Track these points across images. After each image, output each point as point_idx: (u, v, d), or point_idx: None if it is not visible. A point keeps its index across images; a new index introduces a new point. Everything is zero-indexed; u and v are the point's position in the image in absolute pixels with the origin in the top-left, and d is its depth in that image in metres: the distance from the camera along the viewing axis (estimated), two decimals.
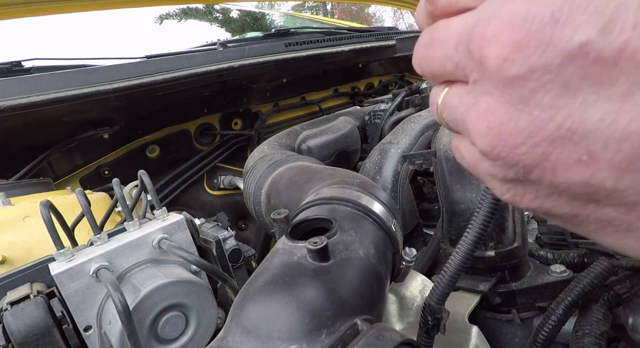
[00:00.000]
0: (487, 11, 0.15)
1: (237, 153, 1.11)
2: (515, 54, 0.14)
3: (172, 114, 0.95)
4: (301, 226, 0.36)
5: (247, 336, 0.26)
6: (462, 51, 0.16)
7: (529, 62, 0.13)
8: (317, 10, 9.77)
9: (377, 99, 1.20)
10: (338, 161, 0.86)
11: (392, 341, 0.22)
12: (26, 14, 1.01)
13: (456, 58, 0.17)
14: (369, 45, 1.17)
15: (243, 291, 0.29)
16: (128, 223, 0.49)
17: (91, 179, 0.88)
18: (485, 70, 0.15)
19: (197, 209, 1.04)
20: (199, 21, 4.83)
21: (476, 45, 0.15)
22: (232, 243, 0.54)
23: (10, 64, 0.85)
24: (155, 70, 0.78)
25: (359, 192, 0.42)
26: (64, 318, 0.40)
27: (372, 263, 0.33)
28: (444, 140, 0.57)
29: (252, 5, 3.67)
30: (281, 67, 0.98)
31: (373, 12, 14.48)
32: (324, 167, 0.58)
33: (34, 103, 0.64)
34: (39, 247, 0.52)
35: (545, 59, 0.13)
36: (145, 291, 0.42)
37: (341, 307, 0.27)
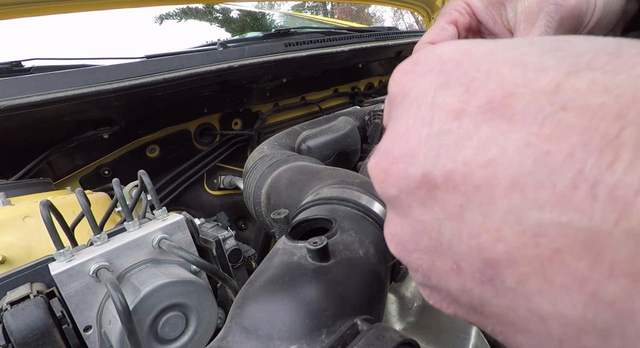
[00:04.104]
0: (378, 145, 0.18)
1: (237, 153, 1.11)
2: (386, 179, 0.17)
3: (172, 114, 0.95)
4: (301, 226, 0.36)
5: (247, 336, 0.26)
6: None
7: (397, 186, 0.16)
8: (317, 10, 9.77)
9: (377, 99, 1.20)
10: (338, 161, 0.86)
11: (392, 341, 0.22)
12: (26, 14, 1.01)
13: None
14: (369, 45, 1.17)
15: (243, 291, 0.29)
16: (128, 223, 0.49)
17: (91, 179, 0.88)
18: (377, 190, 0.18)
19: (197, 209, 1.04)
20: (199, 21, 4.84)
21: (369, 170, 0.18)
22: (232, 243, 0.54)
23: (10, 64, 0.85)
24: (155, 70, 0.78)
25: (359, 192, 0.42)
26: (63, 318, 0.40)
27: (372, 263, 0.33)
28: None
29: (252, 5, 3.67)
30: (281, 67, 0.98)
31: (373, 12, 14.48)
32: (324, 167, 0.58)
33: (34, 103, 0.64)
34: (39, 247, 0.52)
35: (405, 184, 0.16)
36: (145, 291, 0.42)
37: (341, 307, 0.27)
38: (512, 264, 0.13)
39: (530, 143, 0.12)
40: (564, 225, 0.11)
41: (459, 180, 0.14)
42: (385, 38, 1.27)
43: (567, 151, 0.12)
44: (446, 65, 0.16)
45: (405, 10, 6.78)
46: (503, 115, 0.13)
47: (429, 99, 0.16)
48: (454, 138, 0.14)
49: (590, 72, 0.12)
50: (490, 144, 0.13)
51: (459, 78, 0.15)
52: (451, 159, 0.14)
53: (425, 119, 0.16)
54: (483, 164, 0.13)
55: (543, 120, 0.12)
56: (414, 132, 0.16)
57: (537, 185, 0.12)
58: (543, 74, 0.13)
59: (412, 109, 0.17)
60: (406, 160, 0.16)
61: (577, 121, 0.12)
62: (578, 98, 0.12)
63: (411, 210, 0.16)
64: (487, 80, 0.14)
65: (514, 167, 0.13)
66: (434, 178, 0.15)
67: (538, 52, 0.14)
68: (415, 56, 0.18)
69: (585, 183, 0.11)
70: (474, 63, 0.15)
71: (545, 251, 0.12)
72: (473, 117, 0.14)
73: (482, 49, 0.16)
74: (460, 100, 0.15)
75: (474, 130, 0.14)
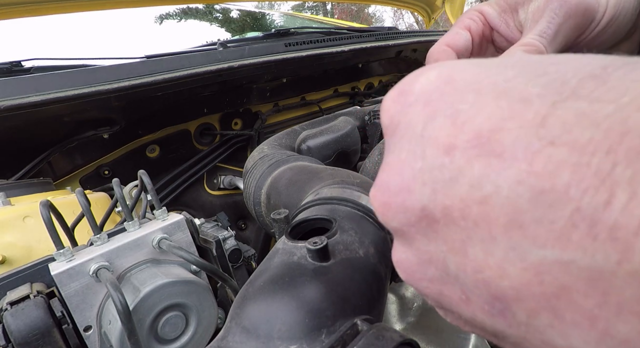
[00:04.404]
0: (378, 175, 0.18)
1: (237, 153, 1.11)
2: (386, 212, 0.17)
3: (172, 114, 0.95)
4: (301, 226, 0.36)
5: (247, 336, 0.26)
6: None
7: (397, 219, 0.16)
8: (317, 10, 9.77)
9: (377, 99, 1.20)
10: (338, 161, 0.86)
11: (392, 341, 0.22)
12: (26, 14, 1.01)
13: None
14: (369, 45, 1.17)
15: (243, 291, 0.29)
16: (128, 223, 0.49)
17: (91, 179, 0.88)
18: (380, 220, 0.18)
19: (197, 209, 1.04)
20: (199, 21, 4.84)
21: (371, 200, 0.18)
22: (232, 243, 0.54)
23: (10, 64, 0.85)
24: (155, 70, 0.78)
25: (359, 192, 0.42)
26: (63, 318, 0.40)
27: (372, 263, 0.33)
28: None
29: (252, 5, 3.67)
30: (281, 67, 0.98)
31: (373, 12, 14.49)
32: (324, 167, 0.58)
33: (34, 103, 0.64)
34: (39, 247, 0.52)
35: (405, 218, 0.16)
36: (145, 291, 0.42)
37: (341, 307, 0.27)
38: (520, 300, 0.13)
39: (522, 181, 0.12)
40: (567, 263, 0.11)
41: (457, 216, 0.14)
42: (385, 38, 1.27)
43: (561, 189, 0.11)
44: (431, 95, 0.16)
45: (405, 10, 6.78)
46: (492, 151, 0.13)
47: (418, 131, 0.16)
48: (447, 174, 0.14)
49: (576, 102, 0.12)
50: (484, 181, 0.13)
51: (444, 109, 0.15)
52: (447, 195, 0.14)
53: (416, 152, 0.15)
54: (479, 201, 0.13)
55: (533, 157, 0.12)
56: (407, 165, 0.16)
57: (535, 223, 0.12)
58: (528, 106, 0.13)
59: (403, 141, 0.16)
60: (403, 194, 0.16)
61: (567, 157, 0.11)
62: (565, 132, 0.12)
63: (415, 242, 0.16)
64: (474, 113, 0.14)
65: (509, 204, 0.12)
66: (432, 212, 0.15)
67: (522, 78, 0.14)
68: (400, 84, 0.18)
69: (583, 223, 0.11)
70: (458, 93, 0.15)
71: (551, 288, 0.12)
72: (463, 152, 0.14)
73: (466, 76, 0.15)
74: (448, 134, 0.14)
75: (466, 167, 0.14)
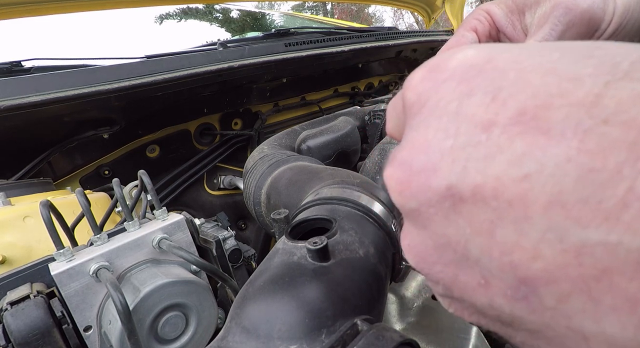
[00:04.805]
0: (396, 152, 0.18)
1: (237, 153, 1.11)
2: (403, 190, 0.16)
3: (172, 114, 0.95)
4: (301, 226, 0.36)
5: (247, 336, 0.26)
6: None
7: (416, 199, 0.16)
8: (317, 10, 9.77)
9: (377, 99, 1.20)
10: (338, 161, 0.86)
11: (392, 341, 0.22)
12: (26, 14, 1.01)
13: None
14: (369, 45, 1.17)
15: (243, 291, 0.29)
16: (128, 223, 0.49)
17: (91, 179, 0.88)
18: (395, 201, 0.18)
19: (197, 209, 1.04)
20: (199, 21, 4.84)
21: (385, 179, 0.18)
22: (232, 243, 0.54)
23: (10, 64, 0.85)
24: (155, 70, 0.78)
25: (359, 192, 0.42)
26: (64, 318, 0.40)
27: (372, 263, 0.33)
28: None
29: (252, 5, 3.67)
30: (281, 67, 0.98)
31: (373, 12, 14.49)
32: (324, 167, 0.58)
33: (34, 103, 0.64)
34: (39, 247, 0.52)
35: (426, 197, 0.15)
36: (145, 291, 0.42)
37: (341, 307, 0.27)
38: (552, 283, 0.12)
39: (571, 158, 0.12)
40: (613, 245, 0.11)
41: (489, 195, 0.13)
42: (385, 38, 1.27)
43: (614, 168, 0.11)
44: (468, 72, 0.15)
45: (405, 10, 6.78)
46: (538, 128, 0.13)
47: (452, 108, 0.15)
48: (483, 151, 0.14)
49: (630, 82, 0.12)
50: (526, 159, 0.13)
51: (484, 87, 0.14)
52: (481, 173, 0.14)
53: (448, 129, 0.15)
54: (518, 179, 0.13)
55: (584, 135, 0.12)
56: (436, 143, 0.15)
57: (580, 203, 0.11)
58: (579, 84, 0.12)
59: (432, 119, 0.16)
60: (427, 172, 0.15)
61: (622, 136, 0.11)
62: (621, 111, 0.11)
63: (432, 223, 0.16)
64: (517, 90, 0.14)
65: (553, 183, 0.12)
66: (460, 191, 0.14)
67: (569, 60, 0.13)
68: (432, 61, 0.17)
69: (637, 202, 0.10)
70: (499, 70, 0.14)
71: (591, 271, 0.11)
72: (504, 129, 0.13)
73: (506, 55, 0.15)
74: (487, 110, 0.14)
75: (506, 144, 0.13)
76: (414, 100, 0.17)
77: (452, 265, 0.16)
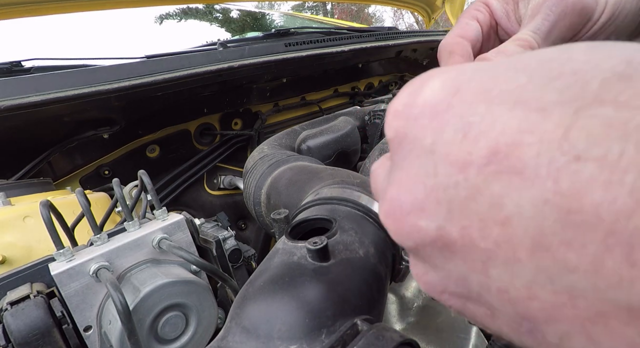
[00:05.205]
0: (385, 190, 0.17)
1: (237, 153, 1.11)
2: (399, 231, 0.16)
3: (172, 114, 0.95)
4: (301, 226, 0.36)
5: (247, 336, 0.26)
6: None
7: (412, 239, 0.16)
8: (317, 10, 9.77)
9: (377, 99, 1.20)
10: (338, 161, 0.86)
11: (392, 341, 0.22)
12: (26, 14, 1.01)
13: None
14: (369, 45, 1.17)
15: (243, 291, 0.29)
16: (128, 223, 0.49)
17: (91, 179, 0.88)
18: (393, 238, 0.17)
19: (197, 209, 1.04)
20: (199, 21, 4.84)
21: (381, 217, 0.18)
22: (232, 243, 0.54)
23: (10, 64, 0.85)
24: (155, 70, 0.78)
25: (359, 192, 0.42)
26: (64, 318, 0.40)
27: (372, 263, 0.33)
28: None
29: (252, 5, 3.67)
30: (281, 67, 0.98)
31: (373, 12, 14.49)
32: (324, 167, 0.58)
33: (34, 103, 0.64)
34: (39, 247, 0.52)
35: (420, 238, 0.15)
36: (145, 291, 0.42)
37: (341, 307, 0.27)
38: (551, 322, 0.12)
39: (548, 200, 0.11)
40: (603, 291, 0.10)
41: (477, 237, 0.13)
42: (385, 38, 1.27)
43: (590, 210, 0.10)
44: (436, 108, 0.15)
45: (405, 10, 6.78)
46: (512, 168, 0.12)
47: (427, 146, 0.15)
48: (463, 192, 0.13)
49: (600, 108, 0.11)
50: (505, 201, 0.12)
51: (454, 123, 0.14)
52: (464, 215, 0.13)
53: (427, 169, 0.15)
54: (500, 222, 0.12)
55: (558, 174, 0.11)
56: (419, 182, 0.15)
57: (564, 246, 0.11)
58: (547, 116, 0.12)
59: (412, 157, 0.16)
60: (415, 213, 0.15)
61: (596, 174, 0.10)
62: (592, 145, 0.11)
63: (432, 260, 0.16)
64: (487, 126, 0.13)
65: (534, 225, 0.11)
66: (449, 233, 0.14)
67: (536, 83, 0.13)
68: (403, 95, 0.17)
69: (618, 248, 0.10)
70: (467, 104, 0.14)
71: (586, 313, 0.11)
72: (479, 169, 0.13)
73: (473, 85, 0.14)
74: (461, 149, 0.14)
75: (483, 185, 0.13)
76: (392, 136, 0.17)
77: (458, 296, 0.16)
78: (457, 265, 0.15)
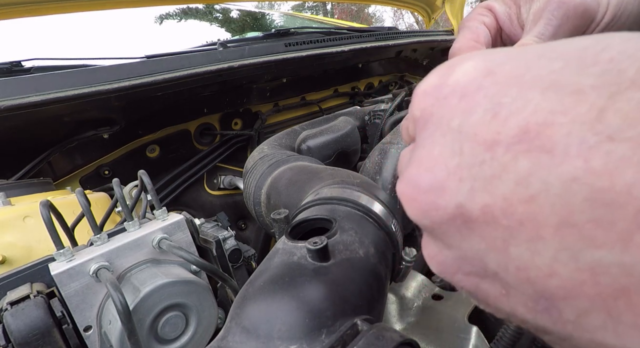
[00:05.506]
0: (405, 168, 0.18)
1: (237, 153, 1.11)
2: (416, 209, 0.16)
3: (172, 114, 0.95)
4: (301, 226, 0.36)
5: (247, 336, 0.26)
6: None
7: (428, 217, 0.16)
8: (317, 10, 9.77)
9: (377, 99, 1.20)
10: (338, 161, 0.86)
11: (392, 341, 0.22)
12: (26, 14, 1.01)
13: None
14: (369, 45, 1.17)
15: (243, 291, 0.29)
16: (128, 223, 0.49)
17: (91, 179, 0.88)
18: (409, 216, 0.18)
19: (197, 209, 1.04)
20: (199, 21, 4.84)
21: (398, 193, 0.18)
22: (232, 243, 0.54)
23: (10, 64, 0.85)
24: (155, 70, 0.78)
25: (359, 192, 0.42)
26: (64, 318, 0.40)
27: (372, 263, 0.33)
28: None
29: (252, 5, 3.67)
30: (281, 67, 0.98)
31: (373, 12, 14.50)
32: (324, 167, 0.58)
33: (34, 103, 0.64)
34: (39, 247, 0.52)
35: (437, 216, 0.15)
36: (145, 291, 0.42)
37: (341, 307, 0.27)
38: (570, 299, 0.12)
39: (577, 178, 0.11)
40: (629, 266, 0.10)
41: (499, 214, 0.13)
42: (385, 38, 1.27)
43: (623, 188, 0.10)
44: (468, 87, 0.15)
45: (405, 10, 6.79)
46: (542, 147, 0.12)
47: (454, 126, 0.15)
48: (488, 170, 0.13)
49: (637, 92, 0.11)
50: (532, 179, 0.12)
51: (484, 103, 0.14)
52: (488, 193, 0.13)
53: (452, 148, 0.15)
54: (525, 200, 0.12)
55: (589, 153, 0.11)
56: (441, 161, 0.15)
57: (592, 223, 0.11)
58: (582, 98, 0.12)
59: (436, 136, 0.16)
60: (435, 191, 0.15)
61: (629, 154, 0.10)
62: (627, 127, 0.11)
63: (447, 238, 0.16)
64: (518, 107, 0.13)
65: (562, 203, 0.12)
66: (469, 211, 0.14)
67: (572, 69, 0.13)
68: (433, 77, 0.17)
69: None
70: (499, 85, 0.14)
71: (608, 289, 0.11)
72: (508, 148, 0.13)
73: (506, 67, 0.15)
74: (489, 129, 0.14)
75: (510, 163, 0.13)
76: (418, 115, 0.17)
77: (472, 275, 0.16)
78: (474, 244, 0.15)
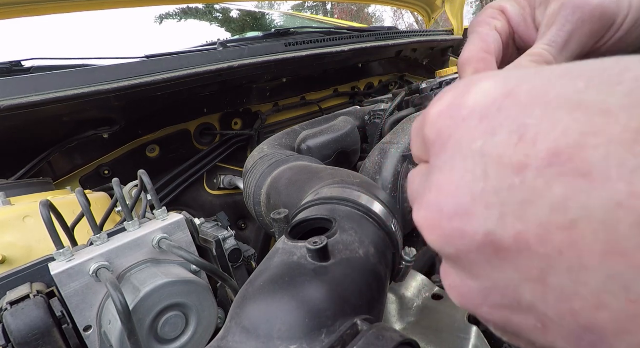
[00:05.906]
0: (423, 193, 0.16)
1: (237, 153, 1.11)
2: (439, 237, 0.15)
3: (172, 114, 0.95)
4: (301, 226, 0.36)
5: (247, 336, 0.26)
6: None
7: (454, 246, 0.15)
8: (317, 10, 9.77)
9: (377, 99, 1.20)
10: (338, 161, 0.86)
11: (392, 341, 0.22)
12: (26, 14, 1.01)
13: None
14: (369, 45, 1.17)
15: (243, 291, 0.29)
16: (128, 223, 0.49)
17: (91, 179, 0.88)
18: (430, 244, 0.16)
19: (197, 209, 1.04)
20: (199, 21, 4.83)
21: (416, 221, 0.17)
22: (232, 243, 0.54)
23: (10, 64, 0.85)
24: (155, 70, 0.78)
25: (359, 191, 0.42)
26: (63, 318, 0.40)
27: (372, 263, 0.33)
28: None
29: (252, 5, 3.66)
30: (281, 67, 0.98)
31: (373, 12, 14.50)
32: (324, 167, 0.58)
33: (34, 103, 0.64)
34: (39, 247, 0.52)
35: (464, 244, 0.14)
36: (145, 291, 0.42)
37: (341, 307, 0.27)
38: (624, 334, 0.11)
39: (621, 203, 0.11)
40: None
41: (535, 242, 0.12)
42: (385, 38, 1.27)
43: None
44: (488, 109, 0.14)
45: (405, 10, 6.79)
46: (577, 170, 0.12)
47: (476, 148, 0.14)
48: (519, 195, 0.13)
49: None
50: (570, 204, 0.12)
51: (508, 125, 0.13)
52: (521, 220, 0.13)
53: (475, 171, 0.14)
54: (565, 227, 0.12)
55: (631, 177, 0.11)
56: (464, 186, 0.14)
57: None
58: (613, 119, 0.11)
59: (457, 159, 0.15)
60: (460, 218, 0.14)
61: None
62: None
63: (474, 268, 0.15)
64: (545, 128, 0.13)
65: (606, 230, 0.11)
66: (500, 239, 0.13)
67: (596, 89, 0.12)
68: (447, 97, 0.16)
69: None
70: (522, 106, 0.13)
71: None
72: (539, 172, 0.12)
73: (526, 87, 0.14)
74: (517, 151, 0.13)
75: (544, 188, 0.12)
76: (434, 137, 0.16)
77: (502, 308, 0.15)
78: (506, 274, 0.14)
